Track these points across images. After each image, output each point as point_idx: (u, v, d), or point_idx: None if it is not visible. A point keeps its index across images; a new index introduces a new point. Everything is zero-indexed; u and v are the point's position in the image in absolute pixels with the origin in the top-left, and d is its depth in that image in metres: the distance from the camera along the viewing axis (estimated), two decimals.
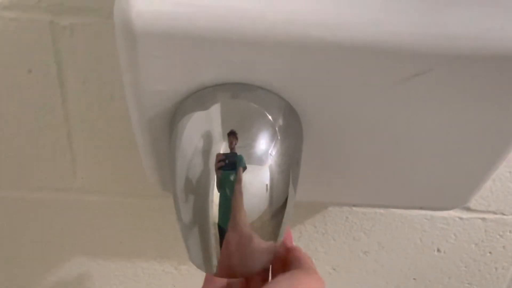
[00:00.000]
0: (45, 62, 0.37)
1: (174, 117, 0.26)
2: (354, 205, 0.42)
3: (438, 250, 0.47)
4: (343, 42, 0.23)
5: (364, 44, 0.23)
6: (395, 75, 0.24)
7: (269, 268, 0.28)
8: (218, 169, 0.24)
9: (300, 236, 0.47)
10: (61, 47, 0.36)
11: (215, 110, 0.24)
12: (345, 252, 0.48)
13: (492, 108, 0.26)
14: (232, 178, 0.23)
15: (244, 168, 0.24)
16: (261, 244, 0.25)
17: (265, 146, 0.24)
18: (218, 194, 0.24)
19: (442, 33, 0.23)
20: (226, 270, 0.25)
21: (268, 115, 0.24)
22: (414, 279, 0.50)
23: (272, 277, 0.28)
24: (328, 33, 0.23)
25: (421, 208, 0.32)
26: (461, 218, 0.45)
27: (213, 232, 0.24)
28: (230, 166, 0.24)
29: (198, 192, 0.24)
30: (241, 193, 0.23)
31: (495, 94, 0.25)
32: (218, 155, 0.24)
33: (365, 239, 0.47)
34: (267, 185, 0.24)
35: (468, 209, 0.45)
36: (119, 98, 0.38)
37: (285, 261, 0.27)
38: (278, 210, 0.25)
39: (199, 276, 0.30)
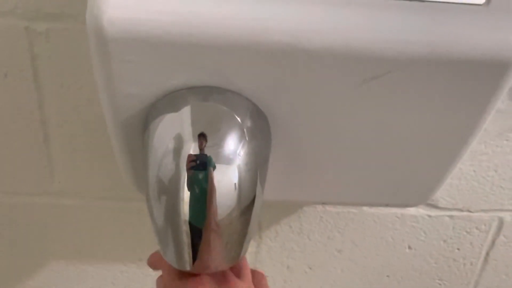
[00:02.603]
0: (21, 66, 0.37)
1: (147, 119, 0.27)
2: (324, 203, 0.44)
3: (409, 247, 0.49)
4: (306, 47, 0.24)
5: (325, 49, 0.24)
6: (354, 78, 0.26)
7: (240, 264, 0.29)
8: (189, 169, 0.25)
9: (276, 236, 0.48)
10: (37, 52, 0.37)
11: (186, 112, 0.25)
12: (320, 251, 0.49)
13: (449, 107, 0.27)
14: (202, 177, 0.24)
15: (214, 168, 0.25)
16: (230, 240, 0.26)
17: (233, 147, 0.25)
18: (189, 193, 0.25)
19: (398, 38, 0.24)
20: (196, 265, 0.26)
21: (236, 117, 0.26)
22: (387, 276, 0.51)
23: None
24: (291, 39, 0.24)
25: (387, 205, 0.33)
26: (429, 216, 0.47)
27: (185, 229, 0.25)
28: (201, 166, 0.25)
29: (169, 191, 0.25)
30: (213, 191, 0.24)
31: (450, 95, 0.27)
32: (189, 155, 0.25)
33: (339, 238, 0.48)
34: (235, 184, 0.25)
35: (436, 207, 0.46)
36: (96, 102, 0.39)
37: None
38: (246, 207, 0.26)
39: None
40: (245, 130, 0.26)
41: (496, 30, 0.24)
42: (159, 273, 0.33)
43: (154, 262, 0.33)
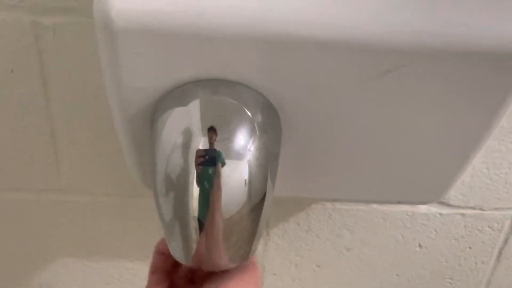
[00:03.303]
0: (28, 61, 0.37)
1: (154, 113, 0.26)
2: (334, 200, 0.43)
3: (420, 246, 0.48)
4: (319, 39, 0.23)
5: (339, 41, 0.23)
6: (369, 71, 0.25)
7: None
8: (198, 164, 0.24)
9: (284, 233, 0.48)
10: (44, 47, 0.36)
11: (195, 106, 0.25)
12: (328, 249, 0.49)
13: (464, 103, 0.27)
14: (211, 173, 0.24)
15: (223, 164, 0.24)
16: (239, 237, 0.25)
17: (244, 142, 0.25)
18: (198, 188, 0.24)
19: (413, 30, 0.24)
20: (201, 261, 0.25)
21: (247, 111, 0.25)
22: (397, 275, 0.51)
23: None
24: (304, 31, 0.23)
25: (398, 202, 0.33)
26: (441, 214, 0.46)
27: (193, 225, 0.25)
28: (210, 161, 0.24)
29: (178, 187, 0.24)
30: (219, 188, 0.24)
31: (465, 90, 0.26)
32: (198, 150, 0.24)
33: (348, 236, 0.48)
34: (245, 179, 0.24)
35: (448, 205, 0.46)
36: (103, 97, 0.38)
37: None
38: (256, 204, 0.25)
39: None
40: (255, 124, 0.25)
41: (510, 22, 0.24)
42: None
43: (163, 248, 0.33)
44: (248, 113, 0.25)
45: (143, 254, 0.49)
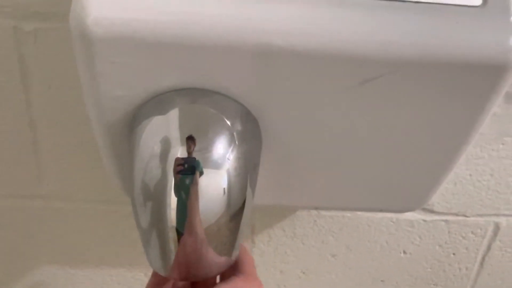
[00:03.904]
0: (9, 67, 0.36)
1: (133, 121, 0.26)
2: (316, 208, 0.43)
3: (404, 252, 0.49)
4: (298, 49, 0.23)
5: (317, 51, 0.23)
6: (348, 81, 0.25)
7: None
8: (176, 173, 0.24)
9: (269, 240, 0.48)
10: (25, 52, 0.36)
11: (174, 115, 0.25)
12: (314, 256, 0.49)
13: (443, 111, 0.27)
14: (189, 182, 0.24)
15: (201, 173, 0.24)
16: (219, 246, 0.25)
17: (222, 151, 0.24)
18: (176, 198, 0.24)
19: (392, 40, 0.24)
20: (181, 272, 0.25)
21: (226, 120, 0.25)
22: (382, 281, 0.51)
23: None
24: (283, 41, 0.23)
25: (381, 210, 0.33)
26: (425, 221, 0.46)
27: (171, 236, 0.24)
28: (188, 170, 0.24)
29: (155, 196, 0.24)
30: (196, 197, 0.24)
31: (444, 98, 0.26)
32: (176, 159, 0.24)
33: (333, 242, 0.48)
34: (224, 188, 0.24)
35: (432, 212, 0.46)
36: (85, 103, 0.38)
37: None
38: (235, 213, 0.25)
39: None
40: (235, 133, 0.25)
41: (492, 32, 0.24)
42: (149, 276, 0.32)
43: None
44: (227, 122, 0.25)
45: (127, 261, 0.49)
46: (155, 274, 0.30)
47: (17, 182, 0.42)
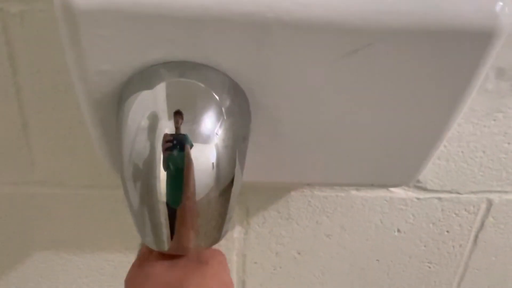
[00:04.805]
0: None
1: (121, 97, 0.26)
2: (308, 184, 0.43)
3: (398, 231, 0.49)
4: (283, 19, 0.23)
5: (302, 21, 0.23)
6: (334, 51, 0.25)
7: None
8: (165, 148, 0.24)
9: (264, 221, 0.48)
10: (12, 35, 0.36)
11: (161, 89, 0.24)
12: (309, 236, 0.49)
13: (432, 81, 0.27)
14: (178, 156, 0.24)
15: (191, 146, 0.24)
16: (211, 218, 0.25)
17: (211, 125, 0.24)
18: (165, 173, 0.24)
19: (377, 9, 0.24)
20: (173, 246, 0.25)
21: (214, 93, 0.25)
22: (377, 260, 0.51)
23: None
24: (268, 11, 0.23)
25: (372, 185, 0.33)
26: (418, 199, 0.46)
27: (162, 210, 0.24)
28: (177, 145, 0.24)
29: (144, 171, 0.24)
30: (191, 169, 0.24)
31: (433, 68, 0.26)
32: (165, 134, 0.24)
33: (328, 223, 0.48)
34: (213, 163, 0.24)
35: (425, 189, 0.46)
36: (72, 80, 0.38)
37: None
38: (225, 187, 0.25)
39: None
40: (223, 108, 0.25)
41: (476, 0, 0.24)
42: None
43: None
44: (215, 96, 0.25)
45: (123, 246, 0.49)
46: (145, 247, 0.30)
47: (9, 169, 0.42)
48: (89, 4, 0.22)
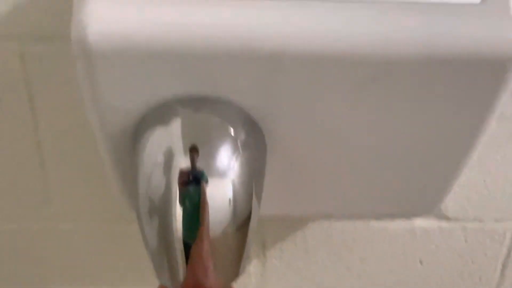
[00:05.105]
0: (16, 89, 0.37)
1: (136, 133, 0.26)
2: (326, 217, 0.42)
3: (421, 262, 0.47)
4: (299, 53, 0.23)
5: (316, 54, 0.23)
6: (351, 82, 0.25)
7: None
8: (181, 184, 0.24)
9: (281, 254, 0.47)
10: (31, 74, 0.37)
11: (176, 124, 0.24)
12: (328, 269, 0.48)
13: (450, 110, 0.26)
14: (194, 192, 0.23)
15: (206, 182, 0.24)
16: (226, 257, 0.25)
17: (226, 159, 0.24)
18: (181, 209, 0.24)
19: (394, 40, 0.24)
20: (188, 284, 0.25)
21: (229, 127, 0.25)
22: None
23: None
24: (281, 45, 0.23)
25: (392, 216, 0.32)
26: (440, 228, 0.45)
27: (178, 247, 0.24)
28: (193, 181, 0.24)
29: (160, 208, 0.24)
30: (206, 206, 0.23)
31: (451, 96, 0.26)
32: (181, 170, 0.24)
33: (347, 255, 0.47)
34: (230, 199, 0.24)
35: (447, 218, 0.45)
36: (88, 118, 0.38)
37: None
38: (242, 223, 0.25)
39: None
40: (238, 141, 0.25)
41: (493, 28, 0.24)
42: None
43: None
44: (231, 129, 0.25)
45: (137, 281, 0.48)
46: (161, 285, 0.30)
47: (24, 205, 0.42)
48: (105, 45, 0.22)
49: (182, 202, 0.24)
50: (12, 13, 0.34)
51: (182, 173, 0.24)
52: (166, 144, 0.24)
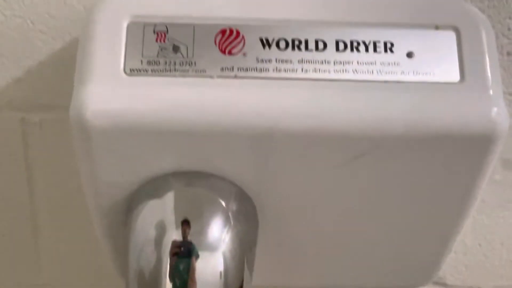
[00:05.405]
0: (14, 157, 0.38)
1: (129, 206, 0.26)
2: None
3: None
4: (285, 130, 0.24)
5: (312, 132, 0.24)
6: (341, 157, 0.25)
7: None
8: (171, 258, 0.24)
9: None
10: (30, 142, 0.37)
11: (169, 198, 0.25)
12: None
13: (438, 183, 0.27)
14: (185, 267, 0.23)
15: (197, 256, 0.24)
16: None
17: (218, 233, 0.24)
18: (171, 284, 0.23)
19: (380, 117, 0.25)
20: None
21: (220, 201, 0.25)
22: None
23: None
24: (270, 123, 0.24)
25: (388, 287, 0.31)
26: None
27: None
28: (184, 255, 0.24)
29: (150, 281, 0.24)
30: (194, 282, 0.23)
31: (438, 171, 0.26)
32: (172, 244, 0.24)
33: None
34: (221, 272, 0.24)
35: (445, 285, 0.44)
36: (83, 190, 0.38)
37: None
38: None
39: None
40: (230, 214, 0.25)
41: (474, 105, 0.25)
42: None
43: None
44: (222, 203, 0.25)
45: None
46: None
47: (17, 272, 0.42)
48: (102, 121, 0.23)
49: (171, 278, 0.23)
50: (12, 82, 0.36)
51: (174, 247, 0.24)
52: (158, 217, 0.24)
